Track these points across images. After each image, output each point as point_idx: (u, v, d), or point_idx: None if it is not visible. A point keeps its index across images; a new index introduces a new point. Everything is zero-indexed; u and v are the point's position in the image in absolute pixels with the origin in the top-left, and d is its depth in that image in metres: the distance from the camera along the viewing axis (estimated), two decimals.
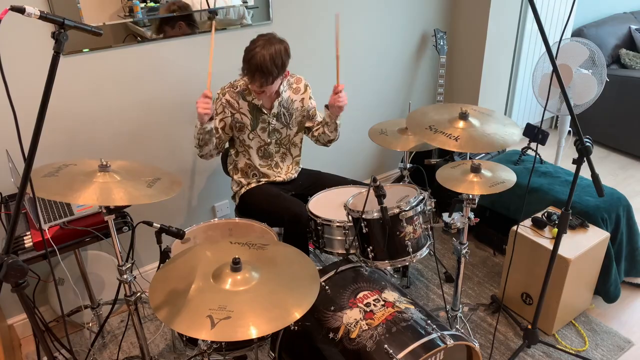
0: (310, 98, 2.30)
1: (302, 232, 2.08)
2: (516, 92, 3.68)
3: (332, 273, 1.83)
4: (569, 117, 2.94)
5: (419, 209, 1.84)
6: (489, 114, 1.95)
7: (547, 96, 1.76)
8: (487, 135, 1.82)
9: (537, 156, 2.65)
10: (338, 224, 2.01)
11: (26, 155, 1.14)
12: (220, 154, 2.30)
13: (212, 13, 2.33)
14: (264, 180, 2.31)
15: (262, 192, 2.26)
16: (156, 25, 2.22)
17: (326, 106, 2.23)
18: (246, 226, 2.08)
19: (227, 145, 2.33)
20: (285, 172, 2.36)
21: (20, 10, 1.09)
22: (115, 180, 1.56)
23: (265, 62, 1.94)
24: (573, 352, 2.19)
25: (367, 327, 1.58)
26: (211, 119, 2.03)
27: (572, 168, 1.75)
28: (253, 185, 2.30)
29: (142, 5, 2.15)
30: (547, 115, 4.10)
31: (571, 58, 2.68)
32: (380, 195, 1.73)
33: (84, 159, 1.69)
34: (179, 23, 2.27)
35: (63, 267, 2.21)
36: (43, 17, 1.14)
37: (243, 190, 2.30)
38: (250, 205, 2.27)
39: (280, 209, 2.09)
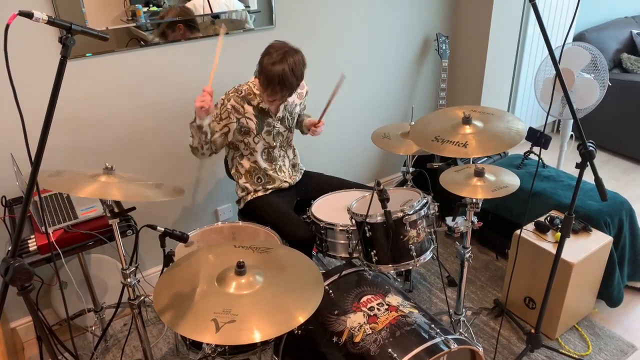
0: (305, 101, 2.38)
1: (307, 254, 2.07)
2: (518, 96, 3.68)
3: (335, 277, 1.83)
4: (572, 121, 2.94)
5: (422, 212, 1.84)
6: (489, 113, 1.93)
7: (550, 100, 1.76)
8: (494, 134, 1.79)
9: (540, 160, 2.65)
10: (341, 228, 2.01)
11: (33, 158, 1.15)
12: (214, 155, 2.20)
13: (217, 17, 2.34)
14: (270, 186, 2.30)
15: (269, 205, 2.22)
16: (158, 29, 2.23)
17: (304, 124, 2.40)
18: (249, 230, 2.08)
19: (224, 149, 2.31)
20: (289, 175, 2.36)
21: (29, 15, 1.10)
22: (119, 179, 1.59)
23: (286, 75, 1.95)
24: (576, 356, 2.18)
25: (370, 331, 1.58)
26: (207, 113, 1.98)
27: (575, 172, 1.74)
28: (260, 193, 2.28)
29: (145, 9, 2.16)
30: (550, 119, 4.10)
31: (573, 62, 2.68)
32: (384, 199, 1.73)
33: (83, 168, 1.73)
34: (178, 26, 2.28)
35: (67, 270, 2.21)
36: (51, 21, 1.14)
37: (250, 197, 2.28)
38: (257, 215, 2.25)
39: (287, 231, 2.06)
